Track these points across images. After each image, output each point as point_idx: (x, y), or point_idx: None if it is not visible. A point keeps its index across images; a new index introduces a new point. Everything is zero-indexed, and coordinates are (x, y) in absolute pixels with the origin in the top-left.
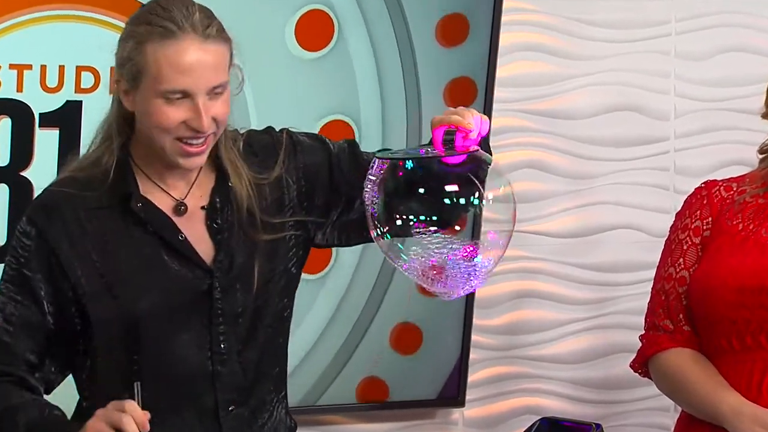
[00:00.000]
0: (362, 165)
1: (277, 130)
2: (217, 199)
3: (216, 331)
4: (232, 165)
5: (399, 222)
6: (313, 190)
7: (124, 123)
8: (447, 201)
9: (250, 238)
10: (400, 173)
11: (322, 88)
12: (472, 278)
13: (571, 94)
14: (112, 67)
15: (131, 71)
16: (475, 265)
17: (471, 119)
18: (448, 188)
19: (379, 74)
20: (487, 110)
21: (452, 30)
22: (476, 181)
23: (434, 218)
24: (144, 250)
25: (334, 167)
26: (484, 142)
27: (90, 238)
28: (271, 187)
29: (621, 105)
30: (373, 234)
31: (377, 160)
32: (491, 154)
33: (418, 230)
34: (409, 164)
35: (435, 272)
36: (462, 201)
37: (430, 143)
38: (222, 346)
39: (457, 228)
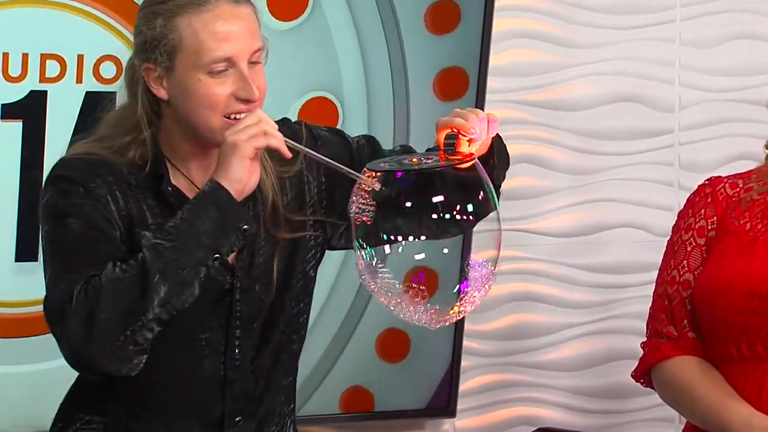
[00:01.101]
0: None
1: (293, 121)
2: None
3: (233, 334)
4: None
5: (384, 237)
6: (334, 187)
7: (151, 114)
8: (435, 218)
9: (272, 236)
10: (389, 185)
11: (300, 62)
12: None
13: (569, 84)
14: (80, 55)
15: (165, 51)
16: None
17: (474, 123)
18: (436, 205)
19: (361, 42)
20: (480, 101)
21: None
22: (463, 199)
23: (420, 236)
24: None
25: (356, 164)
26: (497, 147)
27: (123, 213)
28: (291, 183)
29: (622, 96)
30: (355, 247)
31: (361, 177)
32: (502, 158)
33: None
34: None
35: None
36: (448, 218)
37: (436, 147)
38: (236, 351)
39: (445, 251)
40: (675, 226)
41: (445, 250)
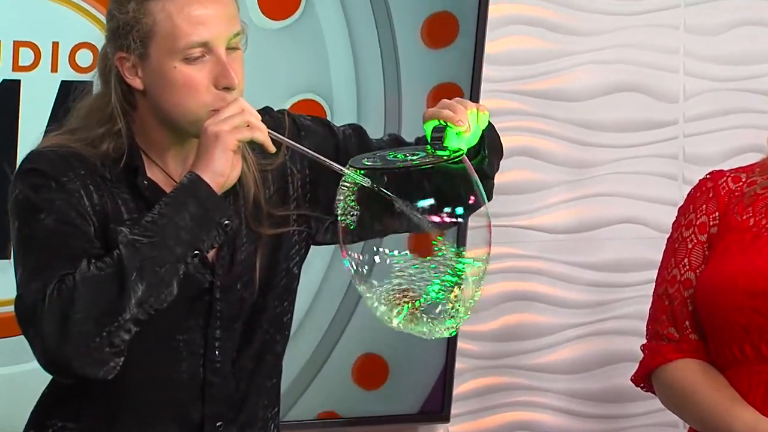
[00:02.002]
0: None
1: (276, 110)
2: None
3: (212, 335)
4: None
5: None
6: (318, 180)
7: (125, 104)
8: (419, 218)
9: (254, 232)
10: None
11: (290, 63)
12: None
13: (567, 73)
14: (55, 43)
15: (138, 37)
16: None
17: (463, 115)
18: (422, 204)
19: (353, 47)
20: (475, 88)
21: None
22: (451, 198)
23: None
24: None
25: (342, 156)
26: (488, 137)
27: (97, 208)
28: (274, 176)
29: (624, 85)
30: (343, 250)
31: (346, 171)
32: (495, 148)
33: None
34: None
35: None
36: (436, 219)
37: (424, 139)
38: (216, 352)
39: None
40: (675, 223)
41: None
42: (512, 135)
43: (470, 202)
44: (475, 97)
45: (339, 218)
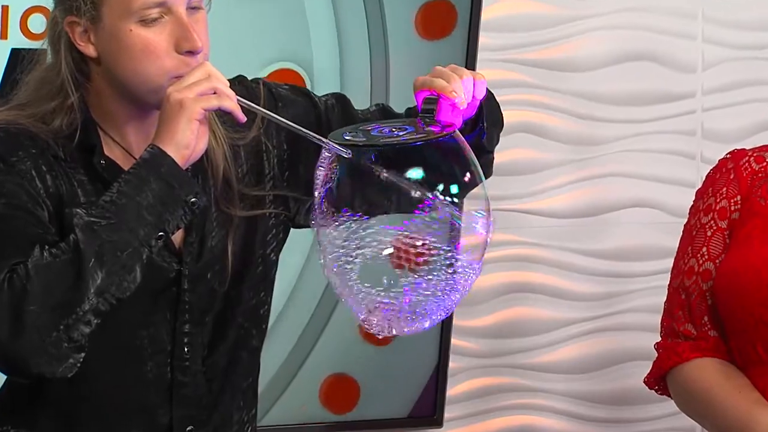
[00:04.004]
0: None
1: (250, 79)
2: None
3: (180, 330)
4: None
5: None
6: (297, 156)
7: (78, 74)
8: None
9: (225, 215)
10: (349, 162)
11: (265, 27)
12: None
13: (573, 41)
14: (4, 6)
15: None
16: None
17: (457, 84)
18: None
19: (335, 6)
20: (471, 53)
21: None
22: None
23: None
24: None
25: (324, 129)
26: (487, 108)
27: (51, 191)
28: (247, 152)
29: (636, 54)
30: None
31: (331, 143)
32: (495, 119)
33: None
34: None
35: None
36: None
37: (414, 110)
38: (185, 349)
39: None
40: (693, 208)
41: None
42: (511, 109)
43: (465, 182)
44: (470, 65)
45: (316, 201)
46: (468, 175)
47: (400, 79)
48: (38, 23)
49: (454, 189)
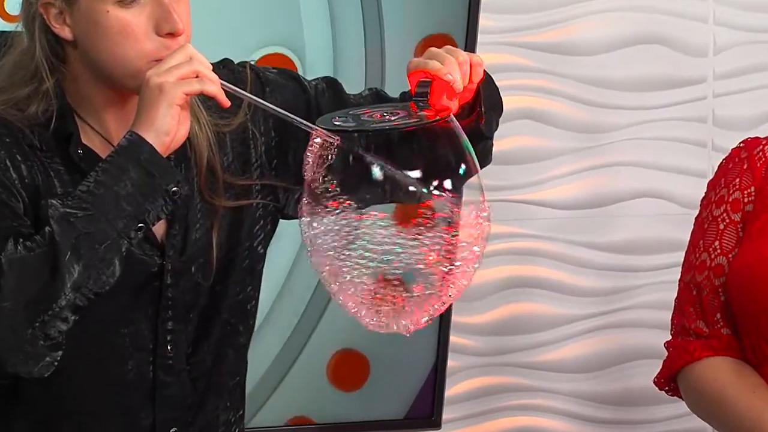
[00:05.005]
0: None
1: (236, 63)
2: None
3: (163, 328)
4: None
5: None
6: (286, 144)
7: (53, 58)
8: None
9: (210, 205)
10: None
11: (255, 10)
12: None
13: (579, 23)
14: None
15: None
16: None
17: (452, 66)
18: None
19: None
20: (470, 39)
21: None
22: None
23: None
24: None
25: (314, 115)
26: (485, 91)
27: (26, 182)
28: (233, 139)
29: (643, 36)
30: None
31: (319, 130)
32: (493, 103)
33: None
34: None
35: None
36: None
37: (409, 94)
38: (168, 347)
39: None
40: (704, 200)
41: None
42: (513, 95)
43: (461, 169)
44: (470, 49)
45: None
46: (464, 162)
47: (396, 64)
48: (16, 4)
49: (449, 177)
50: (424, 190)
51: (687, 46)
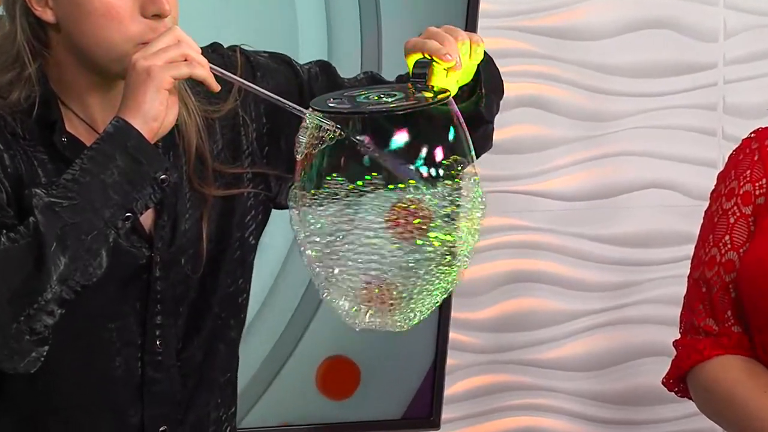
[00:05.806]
0: None
1: (226, 47)
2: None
3: (152, 322)
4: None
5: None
6: (278, 130)
7: (35, 42)
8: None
9: (199, 194)
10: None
11: (251, 12)
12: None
13: (583, 7)
14: None
15: None
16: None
17: (452, 48)
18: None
19: None
20: (471, 23)
21: None
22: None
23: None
24: None
25: (307, 99)
26: (485, 73)
27: (9, 171)
28: (223, 126)
29: (650, 21)
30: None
31: (313, 115)
32: (494, 85)
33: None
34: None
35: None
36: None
37: (406, 77)
38: (158, 342)
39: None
40: (714, 192)
41: None
42: (515, 81)
43: (459, 154)
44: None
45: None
46: (462, 147)
47: (393, 49)
48: None
49: (446, 162)
50: (418, 179)
51: (696, 31)
